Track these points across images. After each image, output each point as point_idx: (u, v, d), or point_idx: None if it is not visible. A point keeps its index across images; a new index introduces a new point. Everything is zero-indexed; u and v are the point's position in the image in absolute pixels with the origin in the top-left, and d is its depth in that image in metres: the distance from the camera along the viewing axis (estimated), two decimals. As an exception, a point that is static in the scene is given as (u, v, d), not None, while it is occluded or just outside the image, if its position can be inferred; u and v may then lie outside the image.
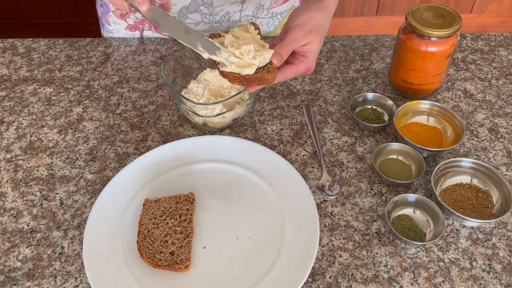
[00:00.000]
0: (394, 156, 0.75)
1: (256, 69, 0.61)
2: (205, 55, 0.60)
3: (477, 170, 0.70)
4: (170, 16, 0.62)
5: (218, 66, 0.62)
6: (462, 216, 0.63)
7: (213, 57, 0.61)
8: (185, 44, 0.60)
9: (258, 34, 0.66)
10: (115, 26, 0.98)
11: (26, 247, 0.65)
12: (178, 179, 0.72)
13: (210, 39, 0.62)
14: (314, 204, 0.66)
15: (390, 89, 0.87)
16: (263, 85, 0.63)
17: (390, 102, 0.81)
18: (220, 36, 0.65)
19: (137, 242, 0.63)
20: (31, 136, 0.80)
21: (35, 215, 0.69)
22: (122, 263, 0.62)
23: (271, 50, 0.61)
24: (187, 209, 0.67)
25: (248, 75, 0.60)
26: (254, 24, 0.67)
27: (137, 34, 0.99)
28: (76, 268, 0.63)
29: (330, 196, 0.70)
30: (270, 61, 0.62)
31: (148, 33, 0.99)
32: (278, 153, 0.76)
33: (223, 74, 0.61)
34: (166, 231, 0.64)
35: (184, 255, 0.62)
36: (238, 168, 0.73)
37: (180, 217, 0.66)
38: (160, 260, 0.61)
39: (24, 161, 0.76)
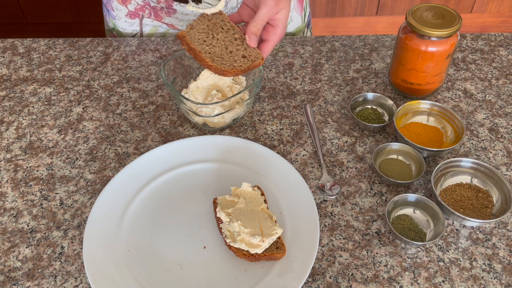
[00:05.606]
0: (394, 156, 0.75)
1: None
2: None
3: (477, 170, 0.70)
4: None
5: (225, 239, 0.62)
6: (462, 216, 0.63)
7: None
8: None
9: (261, 195, 0.67)
10: (117, 12, 0.99)
11: (26, 247, 0.65)
12: (178, 179, 0.72)
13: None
14: (314, 204, 0.66)
15: (390, 89, 0.87)
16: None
17: (390, 102, 0.81)
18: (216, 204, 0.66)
19: (210, 66, 0.63)
20: (31, 136, 0.80)
21: (35, 215, 0.69)
22: (122, 263, 0.62)
23: (280, 229, 0.62)
24: (223, 25, 0.68)
25: (257, 253, 0.61)
26: (258, 188, 0.68)
27: (136, 21, 0.99)
28: (76, 268, 0.63)
29: (330, 196, 0.70)
30: (279, 236, 0.62)
31: (147, 21, 0.99)
32: (278, 153, 0.76)
33: (231, 248, 0.62)
34: (223, 44, 0.65)
35: (255, 53, 0.65)
36: (238, 168, 0.73)
37: (223, 28, 0.67)
38: (240, 65, 0.63)
39: (24, 161, 0.76)
